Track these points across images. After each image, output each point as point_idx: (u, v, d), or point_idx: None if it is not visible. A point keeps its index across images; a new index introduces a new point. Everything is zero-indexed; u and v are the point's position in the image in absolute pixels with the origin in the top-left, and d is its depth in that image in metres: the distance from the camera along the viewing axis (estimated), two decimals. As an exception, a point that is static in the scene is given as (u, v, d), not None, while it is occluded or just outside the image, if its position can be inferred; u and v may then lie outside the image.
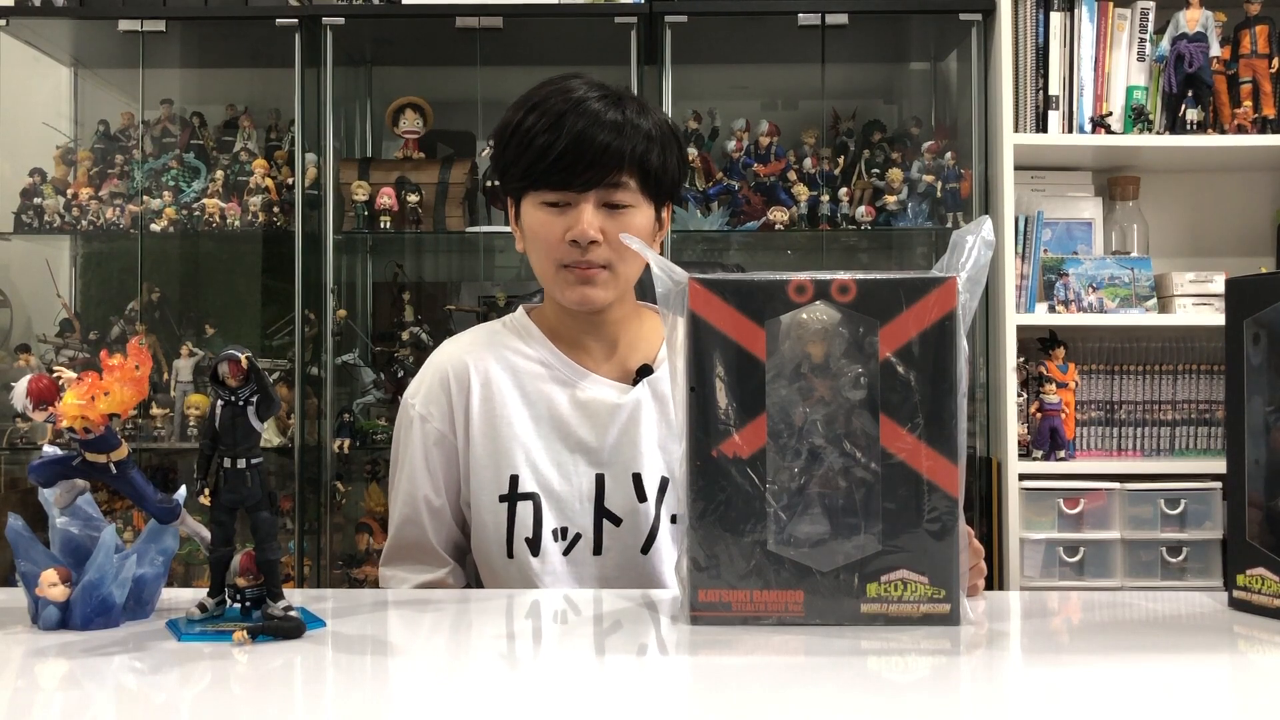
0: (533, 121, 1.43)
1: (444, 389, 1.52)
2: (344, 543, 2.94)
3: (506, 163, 1.48)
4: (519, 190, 1.49)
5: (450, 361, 1.53)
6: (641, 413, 1.50)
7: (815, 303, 1.08)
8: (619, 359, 1.54)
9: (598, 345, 1.54)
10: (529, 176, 1.45)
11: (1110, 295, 2.81)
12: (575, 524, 1.48)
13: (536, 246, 1.48)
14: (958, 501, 1.07)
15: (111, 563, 1.09)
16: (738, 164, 2.93)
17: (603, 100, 1.44)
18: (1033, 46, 2.81)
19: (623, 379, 1.53)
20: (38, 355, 2.94)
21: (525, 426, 1.49)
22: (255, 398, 1.05)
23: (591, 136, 1.41)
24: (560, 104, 1.43)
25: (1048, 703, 0.92)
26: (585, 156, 1.41)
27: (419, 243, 3.13)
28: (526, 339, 1.55)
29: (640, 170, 1.45)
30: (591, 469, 1.49)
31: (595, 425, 1.49)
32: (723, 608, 1.08)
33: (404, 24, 2.87)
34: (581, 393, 1.51)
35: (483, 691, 0.93)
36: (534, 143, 1.43)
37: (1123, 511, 2.73)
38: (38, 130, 3.06)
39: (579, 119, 1.41)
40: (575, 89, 1.45)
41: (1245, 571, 1.16)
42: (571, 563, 1.47)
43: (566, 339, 1.54)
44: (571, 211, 1.44)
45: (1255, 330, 1.15)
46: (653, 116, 1.48)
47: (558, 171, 1.42)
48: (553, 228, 1.45)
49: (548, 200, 1.45)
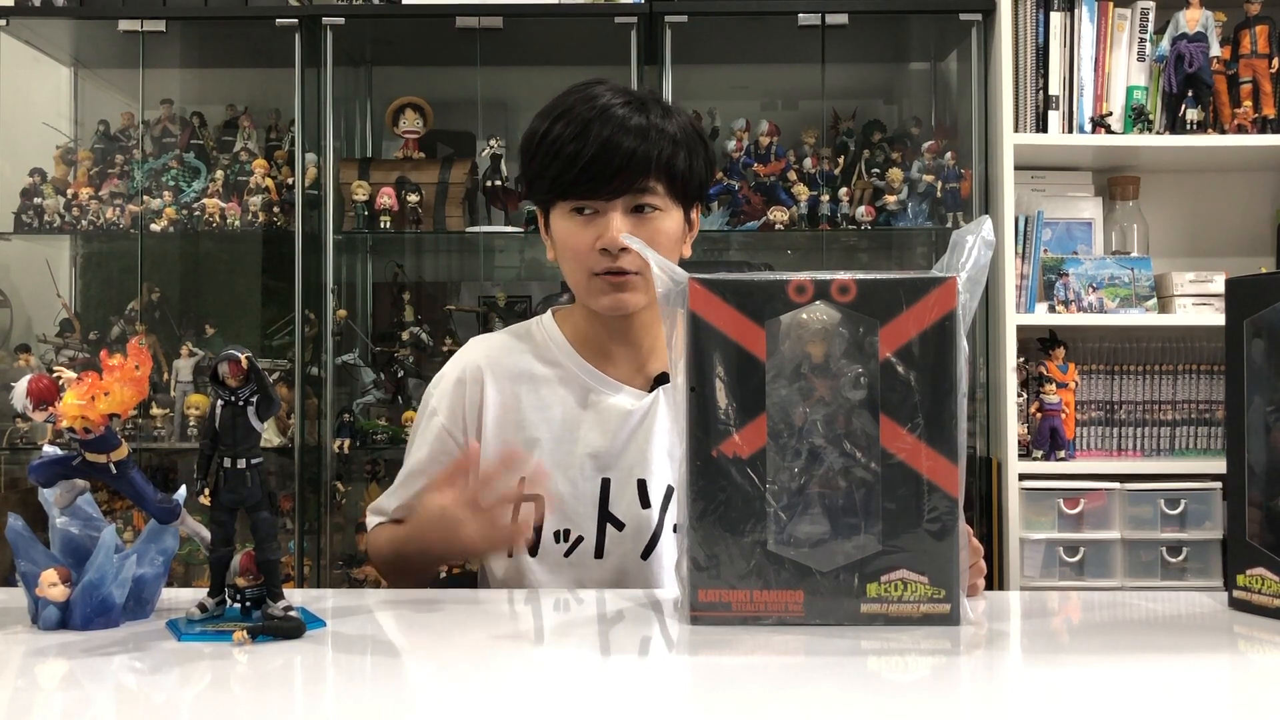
0: (560, 130, 1.43)
1: (459, 392, 1.54)
2: (344, 543, 2.94)
3: (534, 173, 1.49)
4: (547, 201, 1.50)
5: (468, 366, 1.55)
6: (655, 420, 1.51)
7: (815, 303, 1.08)
8: (642, 365, 1.55)
9: (623, 350, 1.54)
10: (557, 187, 1.46)
11: (1110, 295, 2.81)
12: (578, 527, 1.48)
13: (567, 256, 1.49)
14: (958, 501, 1.07)
15: (111, 563, 1.09)
16: (738, 164, 2.93)
17: (627, 106, 1.44)
18: (1033, 46, 2.81)
19: (643, 385, 1.54)
20: (38, 355, 2.94)
21: (535, 430, 1.50)
22: (255, 398, 1.05)
23: (618, 143, 1.41)
24: (586, 111, 1.43)
25: (1048, 703, 0.92)
26: (612, 163, 1.41)
27: (419, 243, 3.13)
28: (550, 345, 1.56)
29: (667, 174, 1.45)
30: (598, 473, 1.49)
31: (606, 431, 1.50)
32: (723, 608, 1.08)
33: (404, 24, 2.87)
34: (598, 398, 1.52)
35: (483, 691, 0.93)
36: (561, 151, 1.43)
37: (1123, 511, 2.73)
38: (38, 130, 3.06)
39: (605, 126, 1.41)
40: (600, 95, 1.45)
41: (1245, 571, 1.16)
42: (572, 564, 1.48)
43: (592, 344, 1.55)
44: (600, 219, 1.45)
45: (1255, 330, 1.15)
46: (677, 119, 1.48)
47: (586, 180, 1.43)
48: (583, 236, 1.45)
49: (577, 209, 1.46)
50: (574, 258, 1.48)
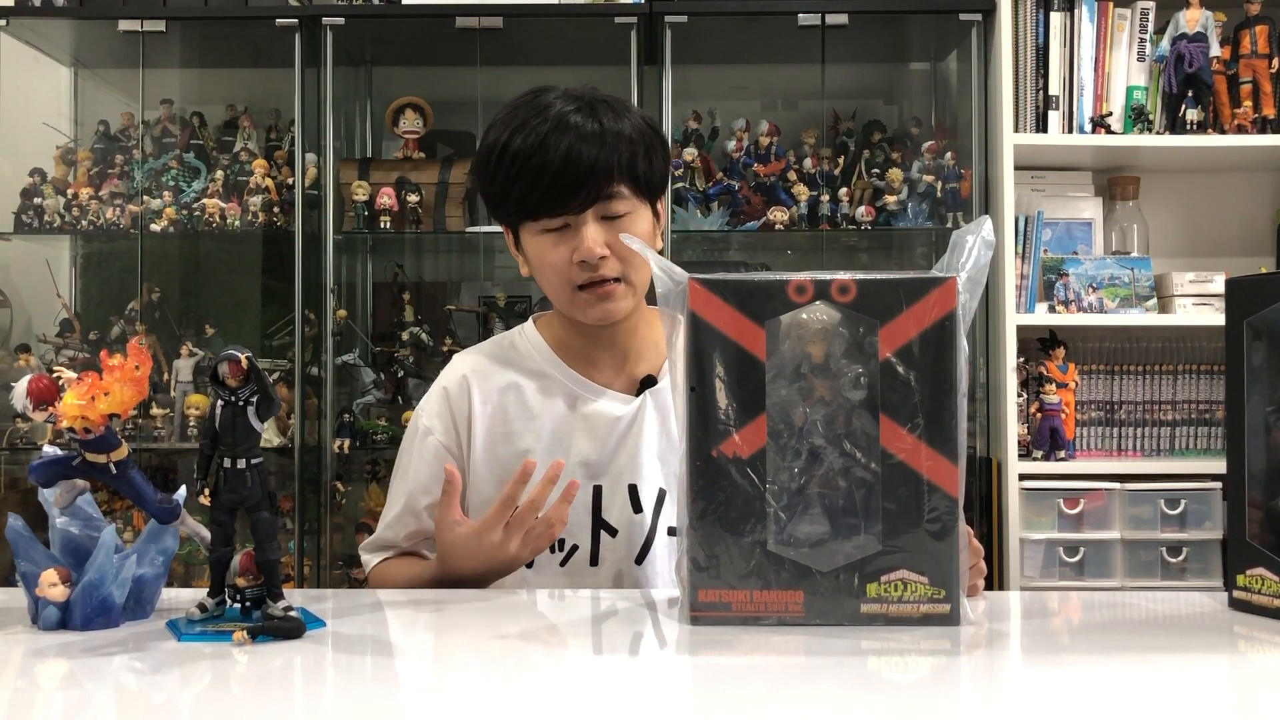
0: (518, 144, 1.40)
1: (447, 406, 1.52)
2: (344, 543, 2.94)
3: (497, 192, 1.45)
4: (515, 220, 1.47)
5: (454, 381, 1.53)
6: (643, 425, 1.50)
7: (815, 303, 1.08)
8: (627, 369, 1.54)
9: (606, 356, 1.54)
10: (525, 208, 1.43)
11: (1110, 295, 2.81)
12: (573, 536, 1.47)
13: (545, 274, 1.47)
14: (958, 501, 1.07)
15: (111, 563, 1.09)
16: (738, 164, 2.93)
17: (579, 112, 1.41)
18: (1033, 46, 2.81)
19: (628, 389, 1.53)
20: (38, 355, 2.94)
21: (525, 441, 1.49)
22: (255, 398, 1.05)
23: (578, 153, 1.39)
24: (540, 123, 1.40)
25: (1048, 703, 0.92)
26: (577, 176, 1.39)
27: (419, 243, 3.13)
28: (533, 354, 1.54)
29: (630, 176, 1.44)
30: (590, 481, 1.48)
31: (595, 438, 1.49)
32: (723, 608, 1.08)
33: (404, 24, 2.87)
34: (584, 406, 1.51)
35: (483, 691, 0.93)
36: (524, 170, 1.40)
37: (1123, 511, 2.73)
38: (38, 130, 3.06)
39: (562, 136, 1.39)
40: (551, 104, 1.42)
41: (1245, 571, 1.16)
42: (568, 574, 1.47)
43: (575, 350, 1.54)
44: (572, 233, 1.43)
45: (1255, 330, 1.15)
46: (630, 119, 1.45)
47: (553, 196, 1.41)
48: (558, 252, 1.44)
49: (548, 227, 1.44)
50: (553, 274, 1.45)
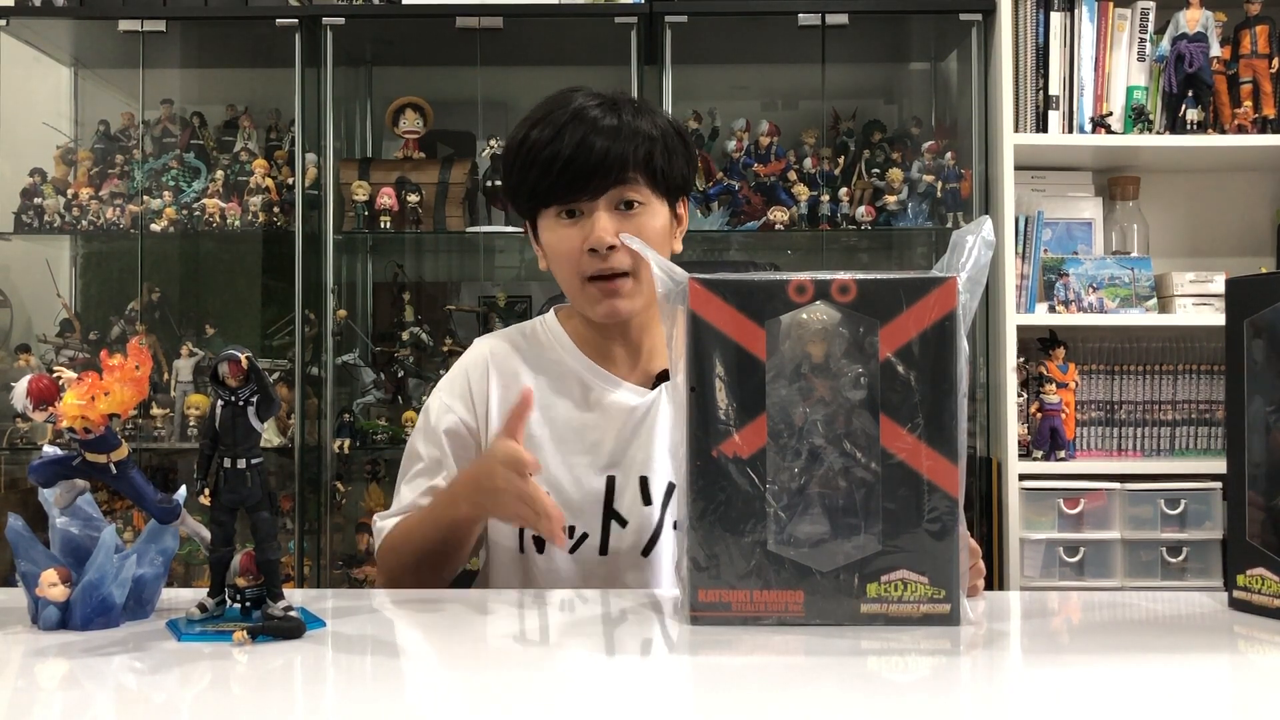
0: (536, 135, 1.45)
1: (467, 385, 1.55)
2: (344, 543, 2.94)
3: (516, 183, 1.50)
4: (532, 208, 1.51)
5: (475, 361, 1.57)
6: (657, 417, 1.52)
7: (815, 303, 1.08)
8: (642, 363, 1.56)
9: (621, 350, 1.56)
10: (539, 193, 1.47)
11: (1110, 295, 2.81)
12: (584, 524, 1.49)
13: (558, 261, 1.50)
14: (958, 501, 1.07)
15: (111, 563, 1.09)
16: (738, 164, 2.93)
17: (600, 107, 1.46)
18: (1033, 46, 2.81)
19: (645, 383, 1.55)
20: (38, 355, 2.94)
21: (540, 429, 1.51)
22: (255, 398, 1.05)
23: (591, 143, 1.43)
24: (560, 116, 1.45)
25: (1048, 703, 0.92)
26: (589, 163, 1.43)
27: (419, 243, 3.13)
28: (553, 343, 1.57)
29: (646, 170, 1.46)
30: (604, 471, 1.50)
31: (610, 428, 1.51)
32: (723, 608, 1.08)
33: (404, 24, 2.87)
34: (601, 396, 1.53)
35: (483, 691, 0.93)
36: (538, 157, 1.45)
37: (1123, 511, 2.73)
38: (38, 130, 3.06)
39: (578, 128, 1.43)
40: (574, 100, 1.47)
41: (1245, 571, 1.16)
42: (577, 561, 1.49)
43: (592, 343, 1.56)
44: (586, 220, 1.46)
45: (1255, 330, 1.15)
46: (652, 118, 1.49)
47: (564, 182, 1.44)
48: (570, 240, 1.47)
49: (562, 213, 1.47)
50: (564, 261, 1.48)
